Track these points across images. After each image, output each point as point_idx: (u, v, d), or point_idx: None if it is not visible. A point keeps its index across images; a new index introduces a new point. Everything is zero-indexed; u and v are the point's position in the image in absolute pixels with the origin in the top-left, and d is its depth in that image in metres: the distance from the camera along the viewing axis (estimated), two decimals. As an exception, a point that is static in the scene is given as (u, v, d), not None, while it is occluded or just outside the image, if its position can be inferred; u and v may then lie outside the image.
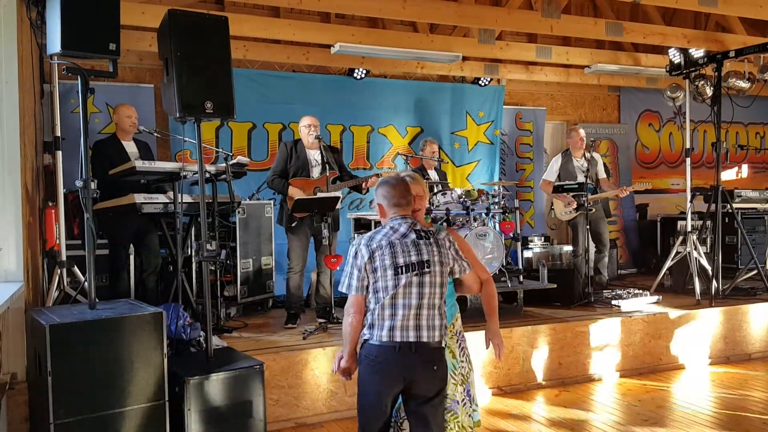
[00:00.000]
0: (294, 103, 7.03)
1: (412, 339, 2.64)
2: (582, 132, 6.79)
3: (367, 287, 2.69)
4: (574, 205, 6.47)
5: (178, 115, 3.61)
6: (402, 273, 2.67)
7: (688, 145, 6.66)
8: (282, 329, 5.27)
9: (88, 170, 3.55)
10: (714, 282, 6.07)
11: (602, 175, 6.85)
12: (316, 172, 5.44)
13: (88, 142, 3.58)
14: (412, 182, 2.95)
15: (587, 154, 6.47)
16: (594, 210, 6.46)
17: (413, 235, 2.72)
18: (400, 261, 2.67)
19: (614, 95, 9.27)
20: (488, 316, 3.06)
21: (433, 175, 6.62)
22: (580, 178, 6.43)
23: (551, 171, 6.91)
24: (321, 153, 5.43)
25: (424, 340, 2.66)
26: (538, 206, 8.62)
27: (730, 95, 6.57)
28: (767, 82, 6.75)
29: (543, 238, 7.79)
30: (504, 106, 8.31)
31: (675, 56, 6.52)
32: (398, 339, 2.64)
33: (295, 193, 5.26)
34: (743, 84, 6.70)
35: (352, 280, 2.70)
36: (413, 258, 2.68)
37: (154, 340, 3.39)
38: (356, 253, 2.70)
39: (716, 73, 6.30)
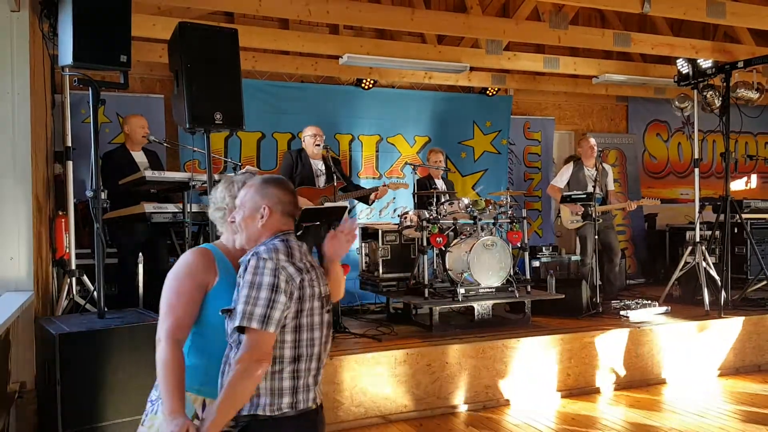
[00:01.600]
0: (303, 113, 7.07)
1: (320, 398, 2.06)
2: (592, 141, 6.82)
3: (283, 324, 1.92)
4: (581, 212, 6.47)
5: (187, 126, 3.66)
6: (324, 306, 2.04)
7: (696, 156, 6.64)
8: (289, 338, 5.27)
9: (98, 180, 3.59)
10: (723, 293, 6.03)
11: (611, 186, 6.87)
12: (321, 182, 5.49)
13: (98, 152, 3.62)
14: None
15: (599, 165, 6.49)
16: (601, 220, 6.47)
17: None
18: (322, 290, 2.04)
19: (622, 105, 9.27)
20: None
21: (440, 184, 6.64)
22: (591, 188, 6.45)
23: (561, 178, 6.94)
24: (325, 163, 5.48)
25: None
26: (546, 216, 8.61)
27: (739, 105, 6.55)
28: (776, 93, 6.74)
29: (551, 247, 7.77)
30: (512, 116, 8.33)
31: (683, 66, 6.51)
32: (318, 401, 2.02)
33: (303, 202, 5.30)
34: (752, 94, 6.67)
35: (274, 310, 1.86)
36: (326, 288, 2.08)
37: (162, 349, 3.40)
38: (276, 273, 1.89)
39: (725, 84, 6.29)
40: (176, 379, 1.95)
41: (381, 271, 6.07)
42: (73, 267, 4.47)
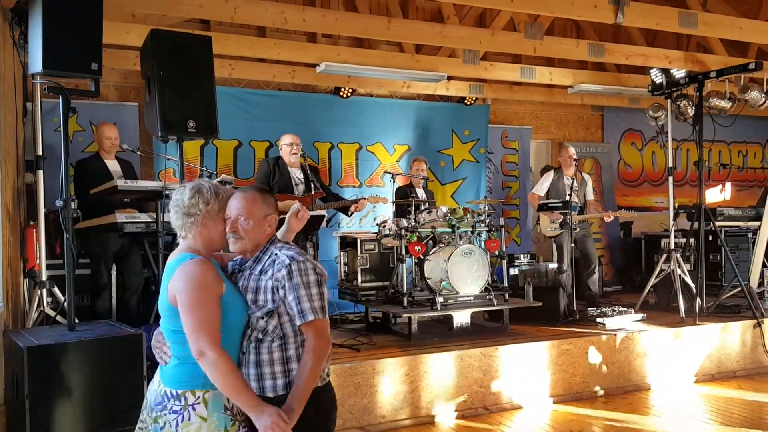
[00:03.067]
0: (281, 121, 7.04)
1: None
2: (571, 150, 6.88)
3: None
4: (560, 220, 6.52)
5: (160, 134, 3.62)
6: None
7: (670, 164, 6.72)
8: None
9: (69, 190, 3.53)
10: (698, 299, 6.10)
11: (590, 196, 6.93)
12: (299, 191, 5.45)
13: (69, 161, 3.55)
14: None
15: (578, 174, 6.55)
16: (578, 229, 6.54)
17: None
18: None
19: (597, 114, 9.37)
20: None
21: (420, 193, 6.64)
22: (568, 197, 6.52)
23: (541, 186, 7.00)
24: (303, 171, 5.45)
25: None
26: (524, 224, 8.65)
27: (712, 115, 6.64)
28: (748, 102, 6.84)
29: (529, 255, 7.79)
30: (490, 125, 8.38)
31: (657, 76, 6.60)
32: None
33: (285, 206, 5.23)
34: (724, 104, 6.78)
35: (325, 300, 2.27)
36: None
37: (133, 361, 3.35)
38: (315, 269, 2.28)
39: (697, 93, 6.38)
40: (240, 378, 2.13)
41: (360, 280, 6.04)
42: (44, 278, 4.38)
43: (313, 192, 5.37)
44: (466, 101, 8.08)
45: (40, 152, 4.43)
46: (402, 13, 7.17)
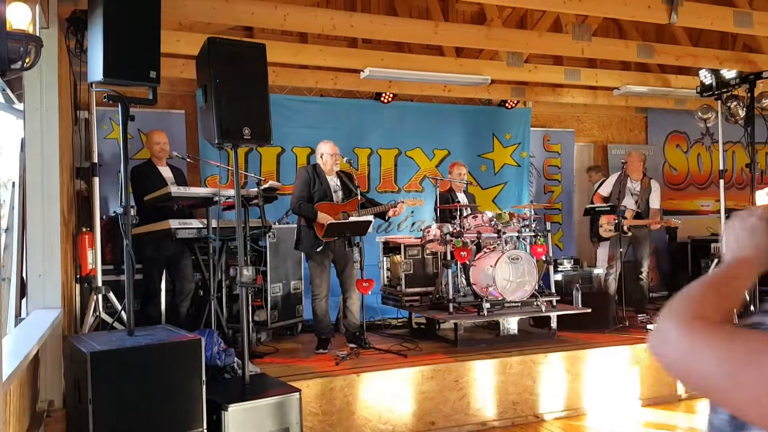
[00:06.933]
0: (322, 127, 7.06)
1: None
2: (637, 155, 6.83)
3: None
4: (615, 221, 6.43)
5: (216, 141, 3.63)
6: None
7: (721, 167, 6.56)
8: (313, 354, 5.22)
9: (128, 196, 3.56)
10: (750, 306, 5.92)
11: (654, 204, 6.80)
12: (338, 198, 5.42)
13: (128, 168, 3.59)
14: None
15: (646, 179, 6.63)
16: (630, 233, 6.51)
17: None
18: None
19: (641, 116, 9.20)
20: None
21: (462, 197, 6.59)
22: (628, 200, 6.58)
23: (606, 186, 6.97)
24: (340, 178, 5.44)
25: None
26: (567, 228, 8.52)
27: (764, 115, 6.47)
28: (800, 103, 6.65)
29: (572, 260, 7.69)
30: (531, 128, 8.28)
31: (706, 77, 6.44)
32: None
33: (325, 218, 5.22)
34: (776, 104, 6.59)
35: None
36: None
37: (192, 366, 3.36)
38: None
39: (749, 94, 6.22)
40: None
41: (403, 285, 6.01)
42: (100, 284, 4.44)
43: (358, 197, 5.36)
44: (507, 104, 7.99)
45: (95, 159, 4.50)
46: (443, 16, 7.13)
